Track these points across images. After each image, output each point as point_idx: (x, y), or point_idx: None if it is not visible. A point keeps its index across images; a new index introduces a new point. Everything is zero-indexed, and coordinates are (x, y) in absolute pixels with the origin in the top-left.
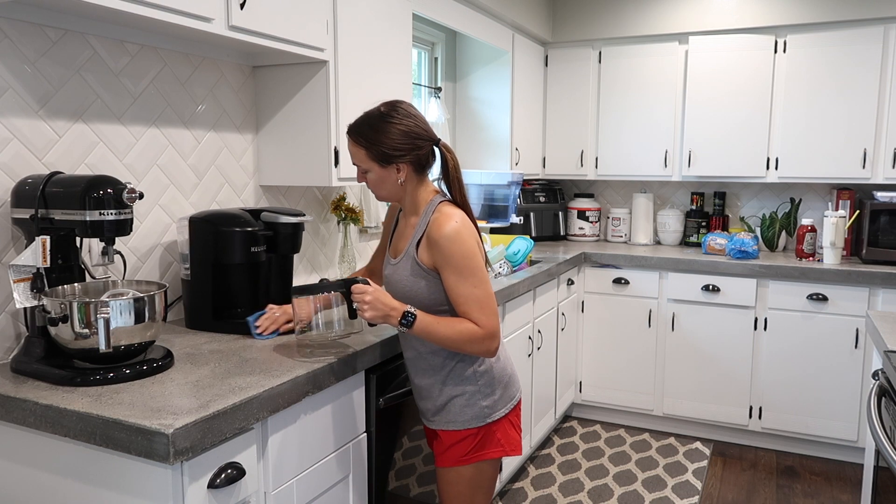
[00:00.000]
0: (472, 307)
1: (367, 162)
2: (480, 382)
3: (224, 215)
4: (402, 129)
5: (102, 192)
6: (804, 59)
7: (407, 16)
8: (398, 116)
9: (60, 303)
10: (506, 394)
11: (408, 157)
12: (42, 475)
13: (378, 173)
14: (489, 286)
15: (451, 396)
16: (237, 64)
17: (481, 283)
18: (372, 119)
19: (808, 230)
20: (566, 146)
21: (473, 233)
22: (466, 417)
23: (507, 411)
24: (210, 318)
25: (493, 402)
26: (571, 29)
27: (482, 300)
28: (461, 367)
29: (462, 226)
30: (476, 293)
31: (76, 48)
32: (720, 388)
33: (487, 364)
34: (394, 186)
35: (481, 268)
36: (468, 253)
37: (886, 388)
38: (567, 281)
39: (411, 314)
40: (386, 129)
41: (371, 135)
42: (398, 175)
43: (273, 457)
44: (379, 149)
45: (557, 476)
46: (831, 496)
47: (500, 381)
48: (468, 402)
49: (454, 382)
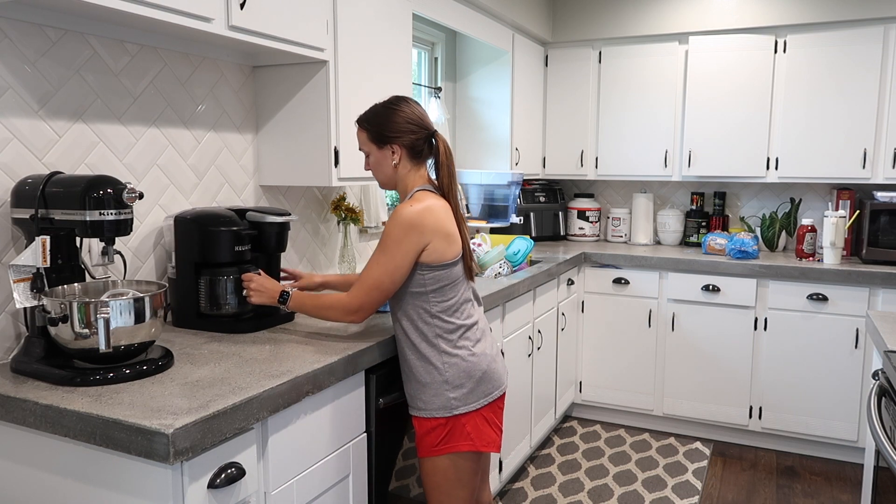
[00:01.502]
0: (360, 276)
1: (367, 144)
2: (448, 374)
3: (209, 215)
4: (401, 115)
5: (102, 192)
6: (804, 59)
7: (407, 16)
8: (399, 105)
9: (60, 303)
10: (478, 389)
11: (402, 139)
12: (42, 475)
13: (376, 155)
14: (385, 273)
15: (423, 383)
16: (237, 64)
17: (380, 266)
18: (377, 107)
19: (808, 230)
20: (566, 146)
21: (427, 222)
22: (434, 406)
23: (480, 406)
24: (195, 317)
25: (461, 395)
26: (571, 29)
27: (367, 275)
28: (430, 355)
29: (417, 212)
30: (371, 268)
31: (76, 48)
32: (720, 388)
33: (457, 356)
34: (389, 169)
35: (395, 258)
36: (397, 237)
37: (886, 388)
38: (567, 281)
39: (286, 293)
40: (386, 114)
41: (373, 119)
42: (393, 157)
43: (273, 457)
44: (377, 130)
45: (557, 476)
46: (831, 496)
47: (471, 376)
48: (437, 391)
49: (423, 369)
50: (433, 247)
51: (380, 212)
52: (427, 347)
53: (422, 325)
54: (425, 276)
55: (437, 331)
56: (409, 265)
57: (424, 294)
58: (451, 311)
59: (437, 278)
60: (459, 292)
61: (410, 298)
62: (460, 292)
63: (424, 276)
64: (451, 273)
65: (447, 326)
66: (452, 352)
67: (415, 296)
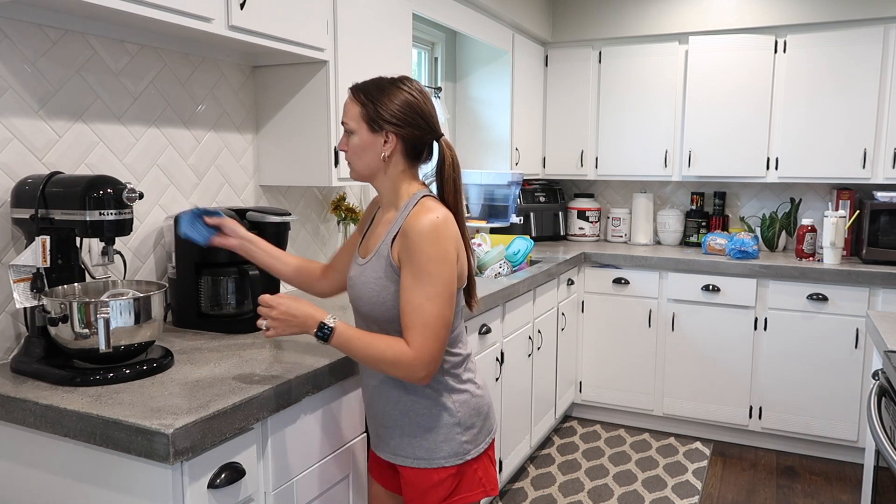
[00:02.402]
0: (414, 321)
1: (356, 121)
2: (460, 414)
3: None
4: (408, 99)
5: (102, 192)
6: (804, 59)
7: (407, 16)
8: (409, 86)
9: (60, 303)
10: (485, 426)
11: (402, 130)
12: (42, 475)
13: (363, 138)
14: (446, 306)
15: (427, 429)
16: (237, 64)
17: (437, 298)
18: (381, 81)
19: (808, 230)
20: (566, 146)
21: (454, 237)
22: (443, 454)
23: (487, 446)
24: (195, 317)
25: (473, 436)
26: (571, 29)
27: (428, 317)
28: (438, 395)
29: (443, 223)
30: (425, 307)
31: (76, 48)
32: (720, 388)
33: (470, 392)
34: (374, 160)
35: (446, 280)
36: (436, 256)
37: (886, 388)
38: (567, 281)
39: (328, 326)
40: (391, 93)
41: (373, 93)
42: (384, 147)
43: (273, 457)
44: (375, 108)
45: (557, 476)
46: (831, 496)
47: (481, 413)
48: (447, 436)
49: (429, 413)
50: (459, 266)
51: None
52: (435, 385)
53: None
54: None
55: (446, 365)
56: (457, 285)
57: None
58: (456, 342)
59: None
60: (461, 319)
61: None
62: (461, 319)
63: None
64: (461, 298)
65: (454, 359)
66: (461, 388)
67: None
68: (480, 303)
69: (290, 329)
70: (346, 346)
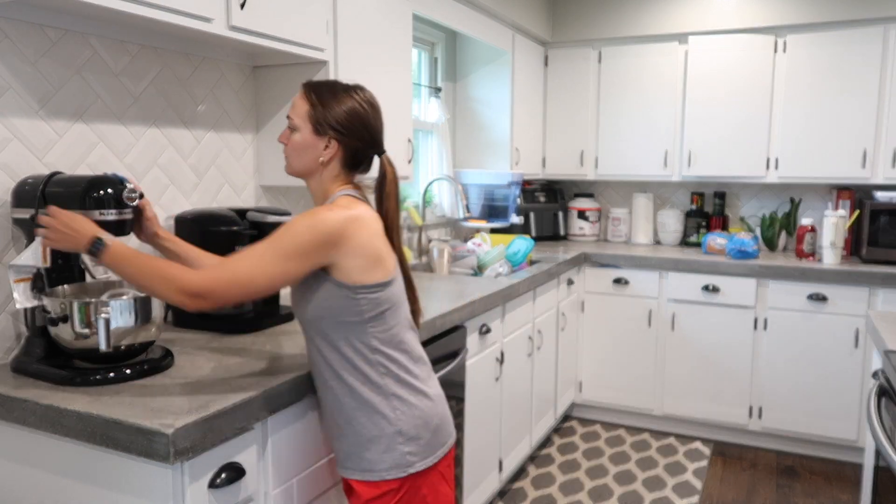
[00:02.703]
0: (229, 259)
1: (302, 119)
2: (401, 424)
3: (209, 215)
4: (356, 109)
5: (102, 192)
6: (804, 58)
7: (407, 16)
8: (360, 97)
9: (60, 303)
10: (435, 439)
11: (344, 138)
12: (42, 475)
13: (305, 138)
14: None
15: (368, 437)
16: (237, 64)
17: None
18: (335, 85)
19: (808, 230)
20: (566, 146)
21: (350, 235)
22: (385, 465)
23: (437, 460)
24: (195, 317)
25: (418, 447)
26: (571, 29)
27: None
28: (377, 401)
29: (341, 221)
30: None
31: (76, 48)
32: (720, 388)
33: (412, 401)
34: (312, 161)
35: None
36: (303, 240)
37: (886, 388)
38: (567, 281)
39: (101, 241)
40: (341, 99)
41: (324, 95)
42: (324, 152)
43: (273, 457)
44: (323, 111)
45: (557, 476)
46: (831, 496)
47: (428, 424)
48: (388, 446)
49: (368, 420)
50: (353, 264)
51: None
52: (371, 391)
53: (361, 362)
54: (360, 301)
55: (382, 369)
56: (300, 279)
57: (361, 324)
58: (396, 343)
59: (376, 302)
60: (400, 317)
61: (342, 331)
62: (401, 317)
63: (359, 299)
64: (391, 294)
65: (394, 363)
66: (403, 395)
67: (349, 326)
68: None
69: (66, 242)
70: (119, 265)
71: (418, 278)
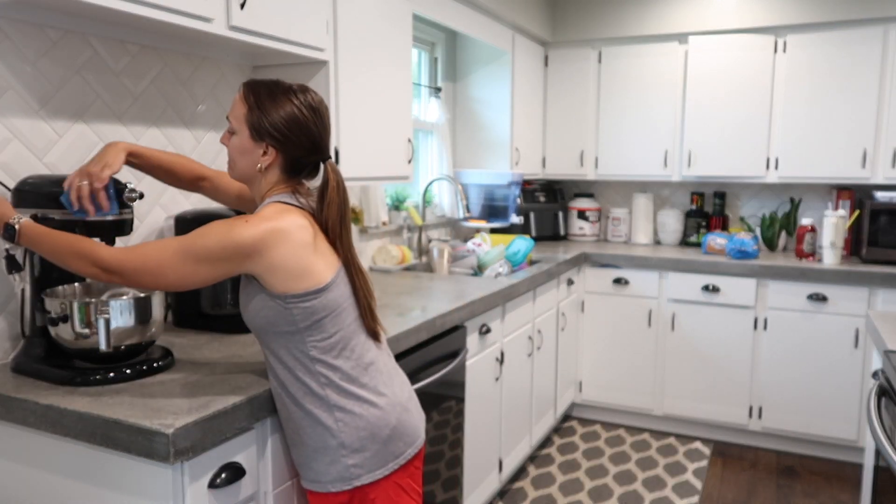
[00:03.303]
0: (142, 245)
1: (241, 122)
2: (344, 435)
3: (209, 214)
4: (294, 115)
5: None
6: (804, 59)
7: (407, 16)
8: (300, 101)
9: (61, 303)
10: (386, 451)
11: (284, 146)
12: (42, 475)
13: (243, 142)
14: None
15: (314, 448)
16: (237, 64)
17: (179, 263)
18: (276, 87)
19: (808, 230)
20: (566, 146)
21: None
22: (330, 478)
23: (389, 472)
24: (196, 317)
25: (363, 459)
26: (571, 29)
27: (152, 257)
28: (318, 412)
29: (257, 236)
30: (157, 247)
31: (76, 48)
32: (720, 388)
33: (356, 411)
34: (249, 167)
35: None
36: (212, 249)
37: (886, 388)
38: (567, 281)
39: (11, 226)
40: (280, 103)
41: (262, 98)
42: (262, 159)
43: (273, 457)
44: (259, 116)
45: (557, 476)
46: (831, 496)
47: (376, 435)
48: (332, 458)
49: (312, 430)
50: (274, 277)
51: (380, 212)
52: (313, 402)
53: (302, 373)
54: (292, 310)
55: (323, 379)
56: (209, 283)
57: (297, 333)
58: (338, 351)
59: (310, 311)
60: (345, 324)
61: (281, 341)
62: (346, 323)
63: (291, 309)
64: (327, 301)
65: (336, 372)
66: (347, 406)
67: (286, 336)
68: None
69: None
70: (35, 244)
71: (418, 278)
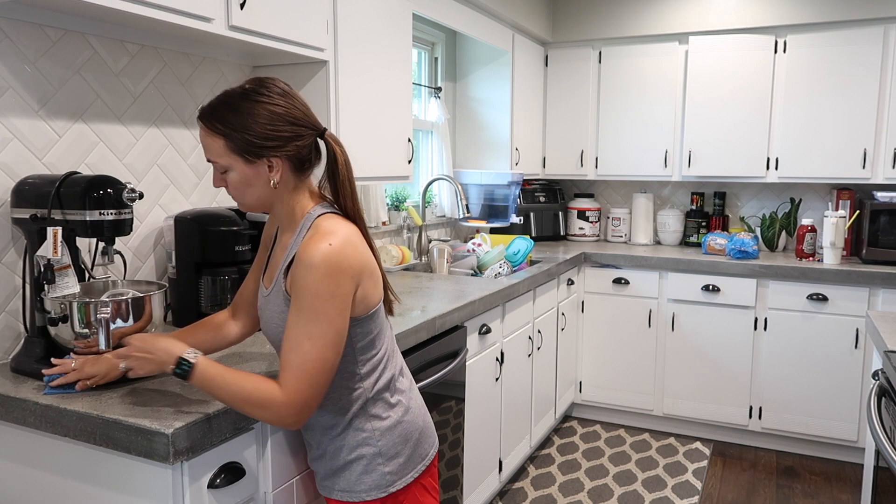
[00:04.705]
0: (291, 361)
1: (226, 156)
2: (381, 443)
3: (209, 215)
4: (275, 111)
5: (102, 192)
6: (804, 59)
7: (407, 16)
8: (268, 94)
9: (60, 303)
10: (416, 454)
11: (284, 149)
12: (42, 475)
13: (243, 172)
14: (329, 348)
15: (347, 460)
16: (237, 64)
17: (319, 338)
18: (232, 101)
19: (808, 230)
20: (566, 146)
21: (352, 265)
22: (365, 487)
23: (418, 474)
24: (195, 317)
25: (398, 466)
26: (571, 29)
27: (306, 359)
28: (358, 422)
29: (336, 251)
30: (304, 347)
31: (76, 48)
32: (720, 388)
33: (393, 418)
34: (265, 190)
35: (332, 319)
36: (325, 292)
37: (886, 388)
38: (567, 281)
39: (187, 362)
40: (252, 111)
41: (231, 119)
42: (270, 174)
43: (273, 457)
44: (243, 136)
45: (557, 476)
46: (831, 496)
47: (408, 440)
48: (367, 467)
49: (348, 444)
50: (362, 292)
51: (380, 212)
52: (353, 417)
53: (347, 393)
54: (352, 333)
55: (368, 394)
56: (348, 324)
57: (351, 354)
58: (383, 365)
59: (367, 331)
60: (386, 337)
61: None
62: (387, 336)
63: (354, 328)
64: (379, 318)
65: (379, 385)
66: (384, 414)
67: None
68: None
69: (149, 366)
70: (208, 385)
71: (418, 278)
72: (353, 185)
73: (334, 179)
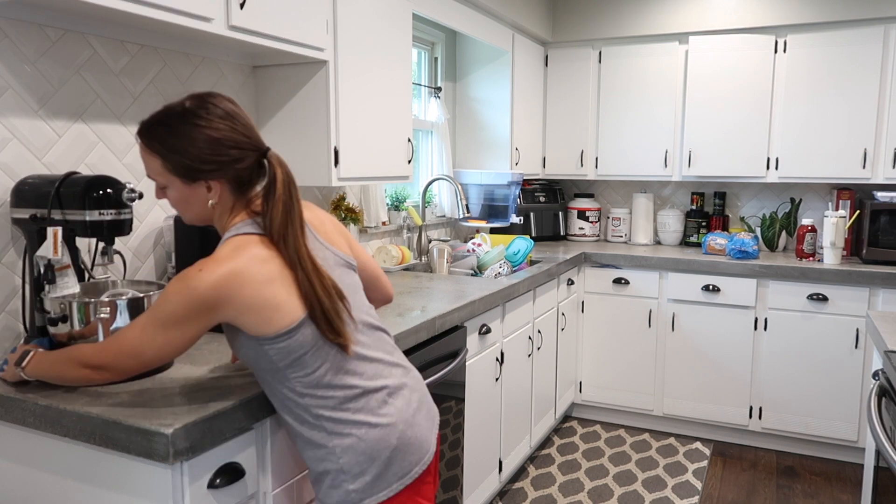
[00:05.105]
0: (114, 338)
1: (164, 176)
2: (343, 461)
3: None
4: (213, 136)
5: (102, 192)
6: (804, 59)
7: (407, 16)
8: (208, 117)
9: (60, 303)
10: (389, 472)
11: (221, 172)
12: (42, 475)
13: (181, 191)
14: (157, 346)
15: (317, 472)
16: (237, 64)
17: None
18: (171, 118)
19: (808, 230)
20: (566, 146)
21: (228, 296)
22: (332, 502)
23: (393, 493)
24: None
25: (363, 484)
26: (571, 29)
27: (126, 340)
28: (317, 438)
29: (213, 283)
30: (131, 332)
31: (76, 48)
32: (720, 388)
33: (354, 436)
34: (202, 209)
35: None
36: (176, 310)
37: (886, 388)
38: (567, 281)
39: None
40: (190, 134)
41: (169, 140)
42: (209, 195)
43: (273, 457)
44: (180, 160)
45: (557, 476)
46: (831, 496)
47: (376, 458)
48: (333, 482)
49: (314, 456)
50: (246, 321)
51: (380, 212)
52: (311, 429)
53: (294, 405)
54: (268, 352)
55: (315, 410)
56: (188, 345)
57: (279, 371)
58: (326, 384)
59: (286, 350)
60: (329, 354)
61: (267, 377)
62: (331, 354)
63: (267, 351)
64: (305, 337)
65: (329, 401)
66: (343, 431)
67: (271, 374)
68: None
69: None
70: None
71: (418, 278)
72: (288, 205)
73: (268, 200)
